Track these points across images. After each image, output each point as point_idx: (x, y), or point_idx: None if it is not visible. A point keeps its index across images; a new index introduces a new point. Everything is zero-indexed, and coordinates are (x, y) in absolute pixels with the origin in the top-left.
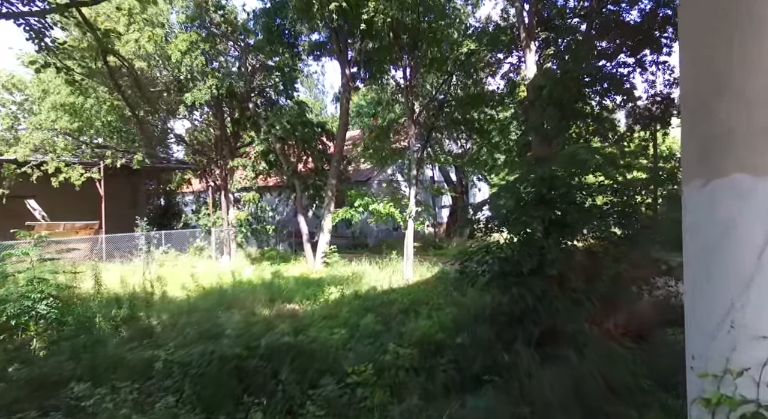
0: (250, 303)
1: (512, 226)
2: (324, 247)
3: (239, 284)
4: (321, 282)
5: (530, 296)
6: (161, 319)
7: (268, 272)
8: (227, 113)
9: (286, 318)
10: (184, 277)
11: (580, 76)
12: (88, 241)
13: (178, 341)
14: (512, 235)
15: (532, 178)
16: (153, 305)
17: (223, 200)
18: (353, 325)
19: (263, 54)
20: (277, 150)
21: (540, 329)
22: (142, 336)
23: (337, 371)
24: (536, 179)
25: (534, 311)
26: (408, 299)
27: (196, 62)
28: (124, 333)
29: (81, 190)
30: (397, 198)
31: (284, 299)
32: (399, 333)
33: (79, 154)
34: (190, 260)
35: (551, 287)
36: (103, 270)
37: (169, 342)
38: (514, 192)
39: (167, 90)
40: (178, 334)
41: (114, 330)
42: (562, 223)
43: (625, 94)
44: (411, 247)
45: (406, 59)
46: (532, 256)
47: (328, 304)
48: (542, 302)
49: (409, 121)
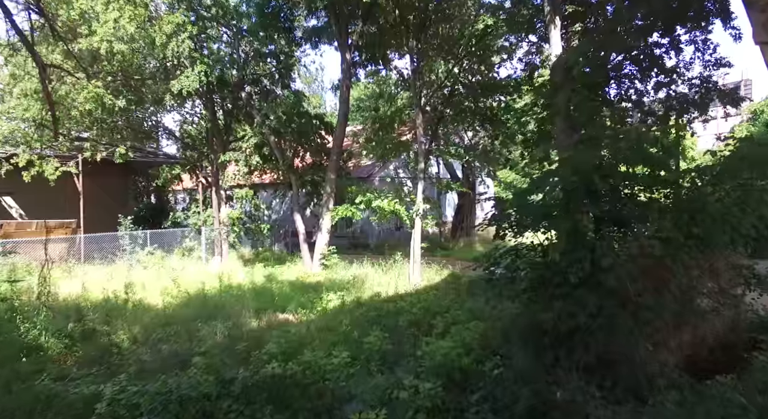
0: (238, 313)
1: (555, 223)
2: (322, 248)
3: (228, 290)
4: (318, 287)
5: (582, 313)
6: (130, 333)
7: (262, 275)
8: (219, 104)
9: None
10: (168, 281)
11: (614, 54)
12: (65, 241)
13: (137, 368)
14: (553, 235)
15: (580, 164)
16: (125, 316)
17: (214, 197)
18: (355, 343)
19: (256, 39)
20: (272, 143)
21: (594, 355)
22: (98, 359)
23: (336, 417)
24: (584, 166)
25: (587, 332)
26: (418, 309)
27: (183, 46)
28: (78, 354)
29: (65, 187)
30: (402, 195)
31: (276, 307)
32: (413, 356)
33: (57, 146)
34: (178, 262)
35: (608, 302)
36: (79, 274)
37: (128, 368)
38: (559, 181)
39: (153, 78)
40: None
41: (65, 351)
42: (617, 220)
43: (669, 74)
44: (418, 248)
45: (413, 42)
46: (582, 261)
47: (326, 313)
48: (597, 320)
49: (417, 108)
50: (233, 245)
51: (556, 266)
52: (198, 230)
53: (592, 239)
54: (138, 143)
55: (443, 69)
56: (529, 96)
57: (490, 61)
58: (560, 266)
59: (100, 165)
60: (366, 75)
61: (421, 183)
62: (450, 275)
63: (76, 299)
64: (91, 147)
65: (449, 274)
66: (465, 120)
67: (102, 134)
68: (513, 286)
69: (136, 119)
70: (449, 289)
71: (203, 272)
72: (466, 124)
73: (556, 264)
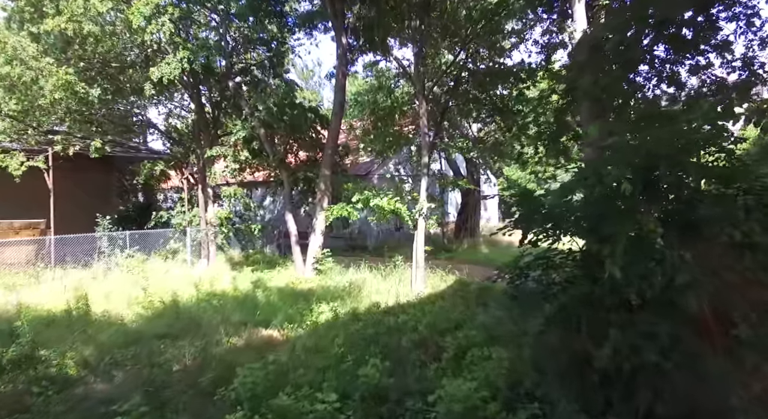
0: (215, 328)
1: (611, 226)
2: (316, 251)
3: (209, 298)
4: (310, 296)
5: (650, 347)
6: (80, 356)
7: (249, 280)
8: (206, 95)
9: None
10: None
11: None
12: (32, 243)
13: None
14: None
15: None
16: (86, 332)
17: (200, 196)
18: (349, 373)
19: (245, 22)
20: (261, 136)
21: (665, 404)
22: (17, 400)
23: None
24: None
25: (656, 372)
26: (424, 325)
27: (163, 29)
28: None
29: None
30: (403, 193)
31: (260, 321)
32: (421, 396)
33: (25, 139)
34: (161, 265)
35: (687, 333)
36: (44, 280)
37: None
38: (616, 171)
39: (132, 66)
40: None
41: None
42: (686, 222)
43: (722, 49)
44: (422, 251)
45: (416, 22)
46: (649, 277)
47: (316, 328)
48: (671, 358)
49: (420, 96)
50: (221, 246)
51: (612, 282)
52: (183, 231)
53: (662, 248)
54: (118, 137)
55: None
56: (546, 82)
57: (501, 46)
58: (617, 284)
59: (77, 160)
60: (364, 67)
61: (425, 180)
62: (457, 282)
63: (22, 312)
64: (62, 140)
65: (456, 281)
66: (472, 111)
67: (78, 128)
68: (546, 305)
69: (118, 112)
70: (457, 298)
71: (187, 277)
72: (473, 115)
73: (613, 281)
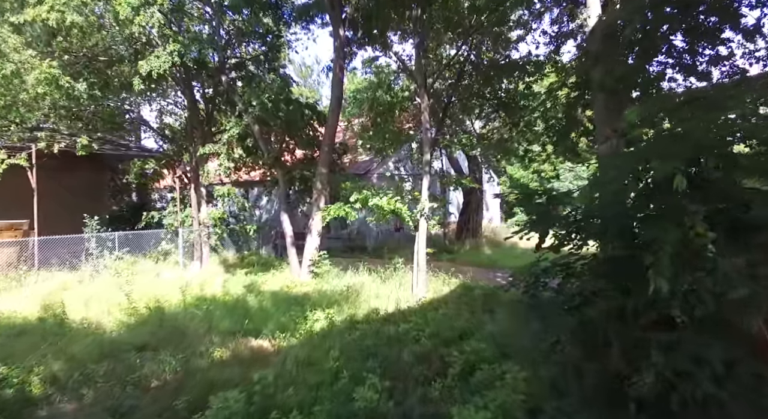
0: (201, 337)
1: (653, 231)
2: (312, 252)
3: (199, 303)
4: (305, 301)
5: (701, 373)
6: (49, 372)
7: (242, 284)
8: (199, 91)
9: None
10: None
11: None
12: (14, 245)
13: None
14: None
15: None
16: (56, 343)
17: (193, 195)
18: (343, 393)
19: (239, 14)
20: (255, 133)
21: None
22: None
23: None
24: (688, 144)
25: (710, 403)
26: (427, 335)
27: (152, 20)
28: None
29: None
30: (403, 193)
31: (250, 329)
32: None
33: (8, 136)
34: (152, 267)
35: (743, 356)
36: (27, 283)
37: None
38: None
39: (121, 60)
40: None
41: None
42: (741, 225)
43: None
44: (423, 254)
45: (417, 11)
46: (699, 291)
47: (311, 338)
48: (725, 386)
49: (422, 90)
50: (215, 248)
51: (657, 296)
52: (175, 232)
53: (714, 256)
54: (108, 135)
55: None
56: (554, 75)
57: (507, 37)
58: (659, 297)
59: (65, 158)
60: (363, 64)
61: (427, 178)
62: (460, 287)
63: None
64: (46, 137)
65: (459, 285)
66: (476, 107)
67: (67, 125)
68: (569, 317)
69: (108, 109)
70: (461, 304)
71: (178, 280)
72: (476, 111)
73: (655, 294)
